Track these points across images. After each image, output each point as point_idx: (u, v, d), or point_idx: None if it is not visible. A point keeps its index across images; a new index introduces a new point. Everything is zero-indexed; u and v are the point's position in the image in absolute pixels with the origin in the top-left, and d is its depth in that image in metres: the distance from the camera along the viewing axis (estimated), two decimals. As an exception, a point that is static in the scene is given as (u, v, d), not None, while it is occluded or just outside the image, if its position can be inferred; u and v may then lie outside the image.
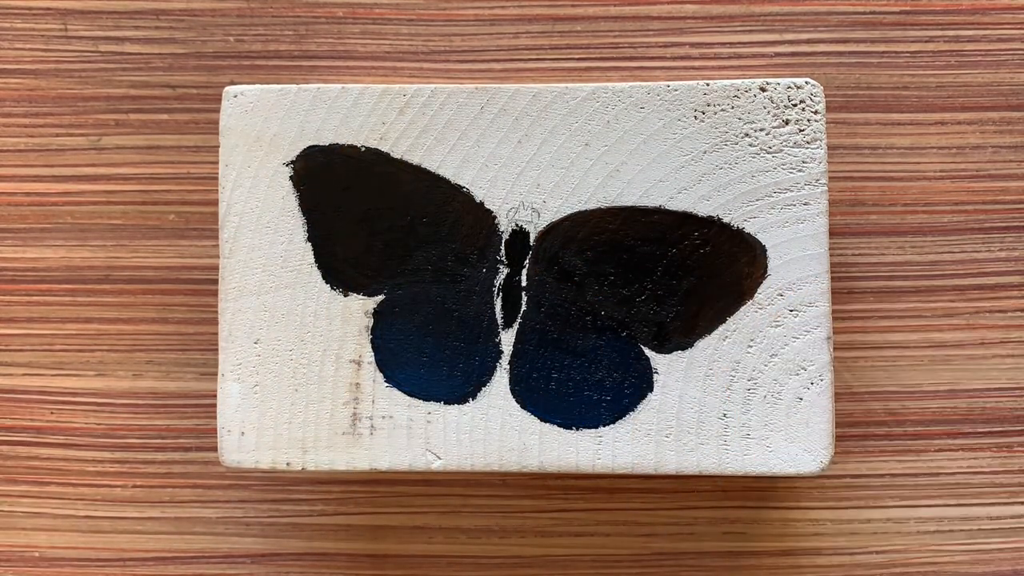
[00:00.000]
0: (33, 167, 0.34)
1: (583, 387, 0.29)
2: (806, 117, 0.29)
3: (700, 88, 0.29)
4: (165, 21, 0.34)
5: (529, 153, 0.29)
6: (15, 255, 0.34)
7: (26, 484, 0.34)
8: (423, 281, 0.30)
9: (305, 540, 0.34)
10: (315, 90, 0.30)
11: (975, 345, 0.33)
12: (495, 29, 0.33)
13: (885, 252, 0.33)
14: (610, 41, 0.33)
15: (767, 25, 0.33)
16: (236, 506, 0.34)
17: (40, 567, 0.34)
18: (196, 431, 0.34)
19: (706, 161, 0.29)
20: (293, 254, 0.30)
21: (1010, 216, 0.33)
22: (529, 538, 0.34)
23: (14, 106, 0.34)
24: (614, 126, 0.29)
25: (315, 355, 0.30)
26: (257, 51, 0.33)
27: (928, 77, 0.33)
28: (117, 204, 0.34)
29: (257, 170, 0.30)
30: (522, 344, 0.29)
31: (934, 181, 0.33)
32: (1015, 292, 0.33)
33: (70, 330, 0.34)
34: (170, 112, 0.34)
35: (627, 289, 0.29)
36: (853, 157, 0.33)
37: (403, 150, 0.30)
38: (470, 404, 0.29)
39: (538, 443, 0.29)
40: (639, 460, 0.29)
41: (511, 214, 0.29)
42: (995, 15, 0.33)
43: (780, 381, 0.28)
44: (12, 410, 0.34)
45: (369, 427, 0.29)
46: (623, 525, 0.34)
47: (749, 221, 0.29)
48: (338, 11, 0.33)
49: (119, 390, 0.34)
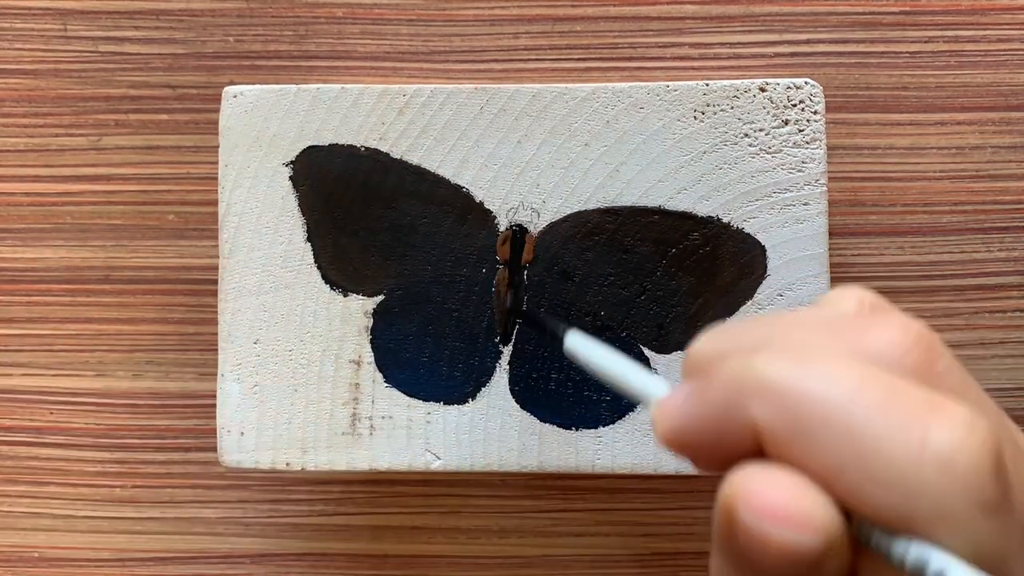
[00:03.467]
0: (33, 167, 0.34)
1: (583, 387, 0.29)
2: (806, 117, 0.29)
3: (700, 88, 0.29)
4: (165, 21, 0.34)
5: (529, 153, 0.29)
6: (15, 255, 0.34)
7: (26, 484, 0.34)
8: (423, 281, 0.30)
9: (305, 540, 0.34)
10: (315, 90, 0.30)
11: (975, 345, 0.33)
12: (495, 29, 0.33)
13: (885, 252, 0.33)
14: (610, 41, 0.33)
15: (767, 25, 0.33)
16: (236, 506, 0.34)
17: (40, 567, 0.34)
18: (195, 431, 0.34)
19: (706, 161, 0.29)
20: (293, 254, 0.30)
21: (1010, 216, 0.33)
22: (529, 538, 0.34)
23: (14, 106, 0.34)
24: (614, 126, 0.29)
25: (315, 355, 0.30)
26: (257, 51, 0.33)
27: (928, 77, 0.33)
28: (117, 204, 0.34)
29: (257, 170, 0.30)
30: (521, 344, 0.29)
31: (934, 181, 0.33)
32: (1015, 292, 0.33)
33: (70, 330, 0.34)
34: (170, 112, 0.34)
35: (627, 289, 0.29)
36: (853, 157, 0.33)
37: (403, 150, 0.30)
38: (469, 404, 0.29)
39: (538, 443, 0.29)
40: (639, 460, 0.29)
41: (511, 214, 0.29)
42: (995, 15, 0.33)
43: (780, 381, 0.28)
44: (12, 410, 0.34)
45: (369, 427, 0.29)
46: (623, 525, 0.34)
47: (749, 221, 0.29)
48: (338, 11, 0.33)
49: (118, 390, 0.34)
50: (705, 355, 0.17)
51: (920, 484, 0.14)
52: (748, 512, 0.15)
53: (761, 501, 0.15)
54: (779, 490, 0.15)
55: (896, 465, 0.14)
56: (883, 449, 0.14)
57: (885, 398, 0.15)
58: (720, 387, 0.16)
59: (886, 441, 0.14)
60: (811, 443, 0.15)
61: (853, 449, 0.14)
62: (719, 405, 0.16)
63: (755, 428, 0.15)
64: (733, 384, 0.16)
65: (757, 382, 0.15)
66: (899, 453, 0.14)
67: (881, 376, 0.15)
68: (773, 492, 0.15)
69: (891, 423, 0.14)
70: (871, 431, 0.14)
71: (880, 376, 0.15)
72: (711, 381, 0.16)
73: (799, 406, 0.15)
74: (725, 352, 0.17)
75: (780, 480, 0.15)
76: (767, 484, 0.15)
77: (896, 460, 0.14)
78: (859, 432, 0.14)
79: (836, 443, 0.14)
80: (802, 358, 0.15)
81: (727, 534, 0.15)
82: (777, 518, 0.14)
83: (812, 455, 0.15)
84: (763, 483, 0.15)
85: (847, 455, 0.14)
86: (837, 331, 0.16)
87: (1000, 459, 0.14)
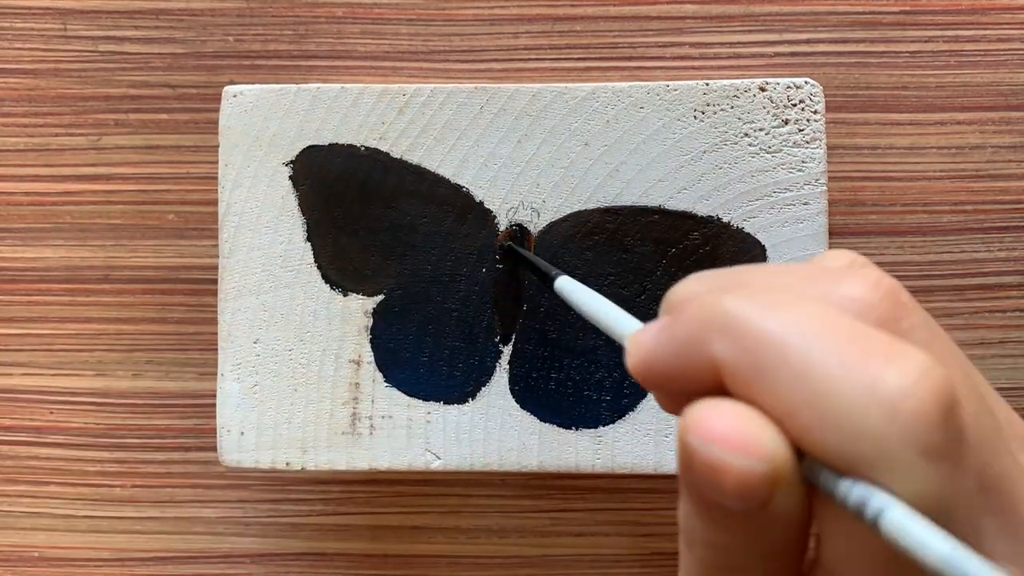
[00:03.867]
0: (33, 167, 0.34)
1: (583, 387, 0.29)
2: (805, 117, 0.29)
3: (700, 88, 0.29)
4: (165, 21, 0.34)
5: (529, 153, 0.29)
6: (15, 255, 0.34)
7: (26, 484, 0.34)
8: (423, 281, 0.30)
9: (305, 540, 0.34)
10: (314, 90, 0.30)
11: (975, 345, 0.33)
12: (495, 29, 0.33)
13: (884, 252, 0.33)
14: (609, 41, 0.33)
15: (767, 25, 0.33)
16: (235, 506, 0.34)
17: (40, 567, 0.34)
18: (195, 431, 0.34)
19: (706, 161, 0.29)
20: (293, 254, 0.30)
21: (1010, 216, 0.33)
22: (529, 538, 0.34)
23: (14, 106, 0.34)
24: (614, 126, 0.29)
25: (315, 355, 0.30)
26: (257, 51, 0.33)
27: (928, 77, 0.33)
28: (117, 204, 0.34)
29: (256, 170, 0.30)
30: (521, 344, 0.29)
31: (934, 181, 0.33)
32: (1015, 292, 0.33)
33: (69, 330, 0.34)
34: (169, 112, 0.34)
35: (627, 289, 0.29)
36: (852, 157, 0.33)
37: (403, 150, 0.30)
38: (469, 404, 0.29)
39: (538, 443, 0.29)
40: (639, 460, 0.29)
41: (511, 214, 0.29)
42: (995, 15, 0.33)
43: (780, 381, 0.28)
44: (12, 410, 0.34)
45: (369, 427, 0.29)
46: (623, 525, 0.34)
47: (749, 221, 0.29)
48: (338, 11, 0.33)
49: (118, 390, 0.34)
50: (682, 294, 0.18)
51: (866, 426, 0.14)
52: (698, 438, 0.15)
53: (710, 426, 0.15)
54: (728, 417, 0.15)
55: (844, 407, 0.14)
56: (834, 390, 0.14)
57: (844, 341, 0.15)
58: (687, 322, 0.16)
59: (838, 382, 0.14)
60: (768, 382, 0.15)
61: (807, 389, 0.14)
62: (684, 340, 0.16)
63: (716, 364, 0.16)
64: (699, 320, 0.16)
65: (722, 319, 0.16)
66: (848, 395, 0.14)
67: (843, 320, 0.15)
68: (722, 419, 0.15)
69: (845, 364, 0.14)
70: (825, 371, 0.14)
71: (843, 320, 0.15)
72: (680, 316, 0.17)
73: (759, 344, 0.15)
74: (700, 292, 0.17)
75: (730, 409, 0.15)
76: (716, 411, 0.15)
77: (844, 402, 0.14)
78: (814, 373, 0.14)
79: (792, 383, 0.15)
80: (770, 300, 0.16)
81: (684, 468, 0.16)
82: (725, 442, 0.15)
83: (768, 393, 0.15)
84: (713, 410, 0.15)
85: (801, 395, 0.15)
86: (812, 279, 0.17)
87: (951, 408, 0.14)
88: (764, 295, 0.16)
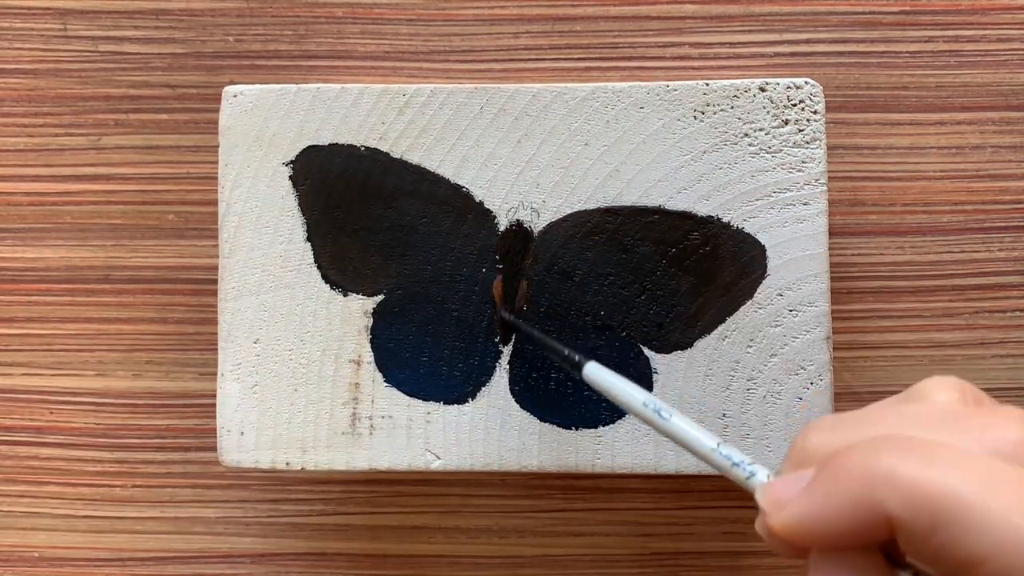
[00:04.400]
0: (33, 167, 0.34)
1: (583, 387, 0.29)
2: (805, 117, 0.29)
3: (700, 88, 0.29)
4: (165, 21, 0.34)
5: (529, 153, 0.29)
6: (15, 255, 0.34)
7: (25, 484, 0.34)
8: (423, 281, 0.30)
9: (305, 540, 0.34)
10: (314, 90, 0.30)
11: (975, 345, 0.33)
12: (495, 29, 0.33)
13: (884, 252, 0.33)
14: (609, 41, 0.33)
15: (767, 25, 0.33)
16: (236, 506, 0.34)
17: (39, 567, 0.34)
18: (195, 431, 0.34)
19: (706, 161, 0.29)
20: (293, 254, 0.30)
21: (1010, 216, 0.33)
22: (529, 538, 0.34)
23: (14, 106, 0.34)
24: (614, 126, 0.29)
25: (315, 355, 0.30)
26: (257, 51, 0.33)
27: (928, 77, 0.33)
28: (117, 204, 0.34)
29: (256, 170, 0.30)
30: (521, 344, 0.29)
31: (934, 181, 0.33)
32: (1015, 292, 0.33)
33: (69, 330, 0.34)
34: (170, 112, 0.34)
35: (627, 289, 0.29)
36: (852, 157, 0.33)
37: (402, 150, 0.30)
38: (469, 404, 0.29)
39: (538, 443, 0.29)
40: (638, 460, 0.29)
41: (511, 214, 0.29)
42: (995, 15, 0.33)
43: (779, 381, 0.28)
44: (11, 410, 0.34)
45: (368, 427, 0.29)
46: (623, 525, 0.34)
47: (749, 221, 0.29)
48: (338, 11, 0.33)
49: (118, 390, 0.34)
50: (820, 447, 0.18)
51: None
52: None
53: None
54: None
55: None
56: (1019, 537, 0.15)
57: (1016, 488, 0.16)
58: (848, 480, 0.17)
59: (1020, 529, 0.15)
60: (950, 535, 0.16)
61: (991, 538, 0.15)
62: (851, 499, 0.17)
63: (891, 522, 0.16)
64: (863, 479, 0.17)
65: (886, 476, 0.16)
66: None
67: (1006, 468, 0.16)
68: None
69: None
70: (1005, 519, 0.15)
71: (1005, 468, 0.16)
72: (838, 474, 0.17)
73: (931, 500, 0.16)
74: (841, 446, 0.18)
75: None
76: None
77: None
78: (994, 523, 0.15)
79: (975, 535, 0.15)
80: (927, 453, 0.16)
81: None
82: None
83: (952, 548, 0.16)
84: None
85: (988, 544, 0.15)
86: (956, 427, 0.17)
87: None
88: (920, 448, 0.16)
